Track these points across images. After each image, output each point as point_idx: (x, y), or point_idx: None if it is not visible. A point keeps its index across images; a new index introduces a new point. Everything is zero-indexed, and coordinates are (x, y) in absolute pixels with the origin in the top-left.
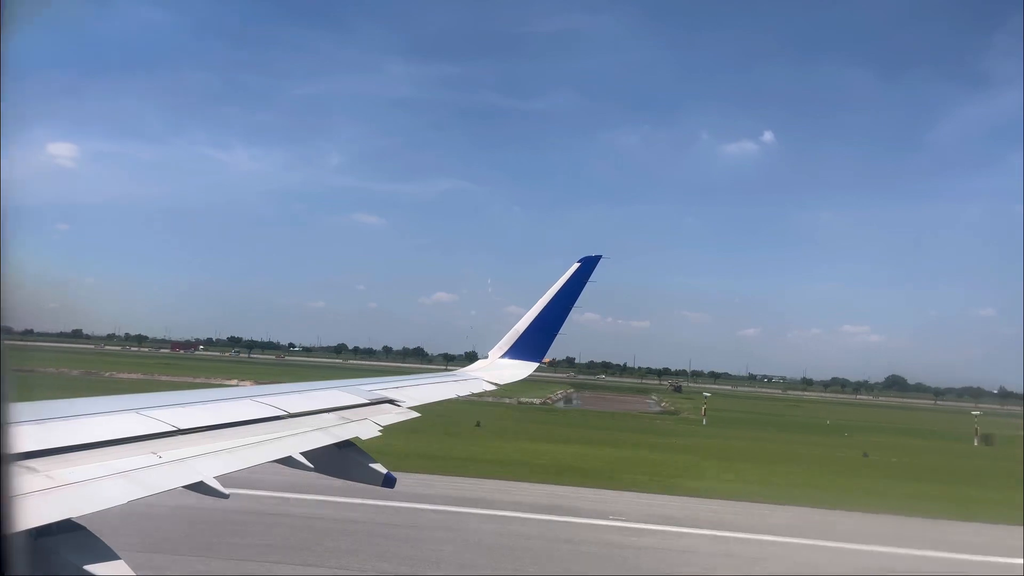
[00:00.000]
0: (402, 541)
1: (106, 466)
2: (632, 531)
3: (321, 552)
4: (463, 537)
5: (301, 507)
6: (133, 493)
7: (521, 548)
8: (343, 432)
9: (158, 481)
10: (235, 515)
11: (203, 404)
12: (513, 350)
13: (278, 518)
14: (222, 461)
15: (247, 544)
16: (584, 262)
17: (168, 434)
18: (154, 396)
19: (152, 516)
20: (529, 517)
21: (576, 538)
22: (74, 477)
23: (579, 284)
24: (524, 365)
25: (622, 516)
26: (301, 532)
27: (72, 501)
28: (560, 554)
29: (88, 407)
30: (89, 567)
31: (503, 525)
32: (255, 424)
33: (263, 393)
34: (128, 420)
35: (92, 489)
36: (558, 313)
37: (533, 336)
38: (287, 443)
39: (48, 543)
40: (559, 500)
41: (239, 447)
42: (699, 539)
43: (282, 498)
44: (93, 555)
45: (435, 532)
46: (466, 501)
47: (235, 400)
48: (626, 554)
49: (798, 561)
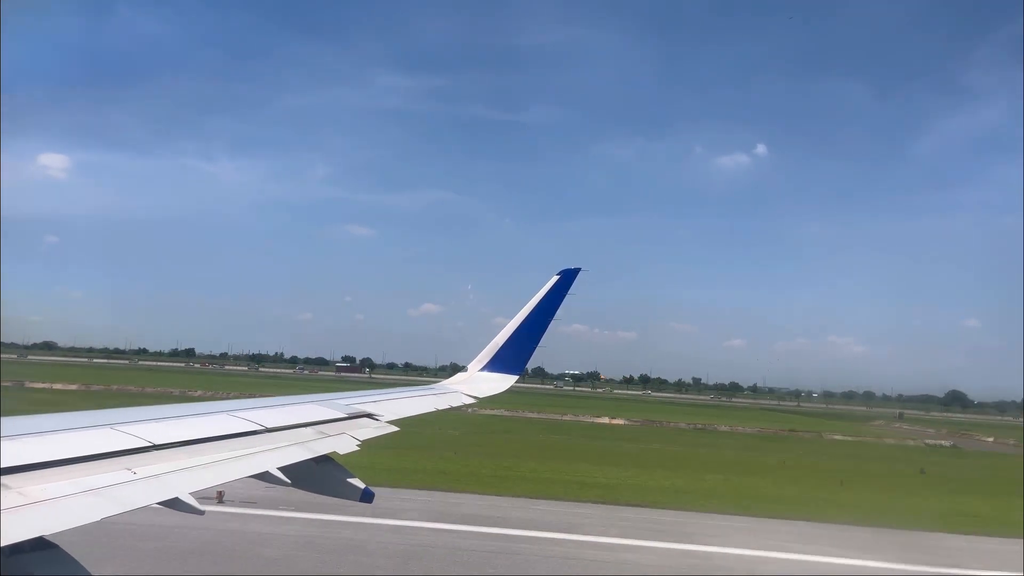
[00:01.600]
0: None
1: (79, 483)
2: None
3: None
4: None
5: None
6: (107, 510)
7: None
8: (321, 447)
9: (132, 498)
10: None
11: (178, 419)
12: (493, 363)
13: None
14: (197, 477)
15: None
16: (564, 274)
17: (143, 450)
18: (129, 411)
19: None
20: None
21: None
22: (46, 494)
23: (559, 296)
24: (504, 378)
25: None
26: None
27: (44, 519)
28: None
29: (61, 423)
30: None
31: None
32: (231, 439)
33: (240, 408)
34: (102, 436)
35: (64, 506)
36: (538, 325)
37: (513, 349)
38: (264, 458)
39: (19, 561)
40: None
41: (215, 462)
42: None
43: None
44: (65, 573)
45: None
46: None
47: (211, 415)
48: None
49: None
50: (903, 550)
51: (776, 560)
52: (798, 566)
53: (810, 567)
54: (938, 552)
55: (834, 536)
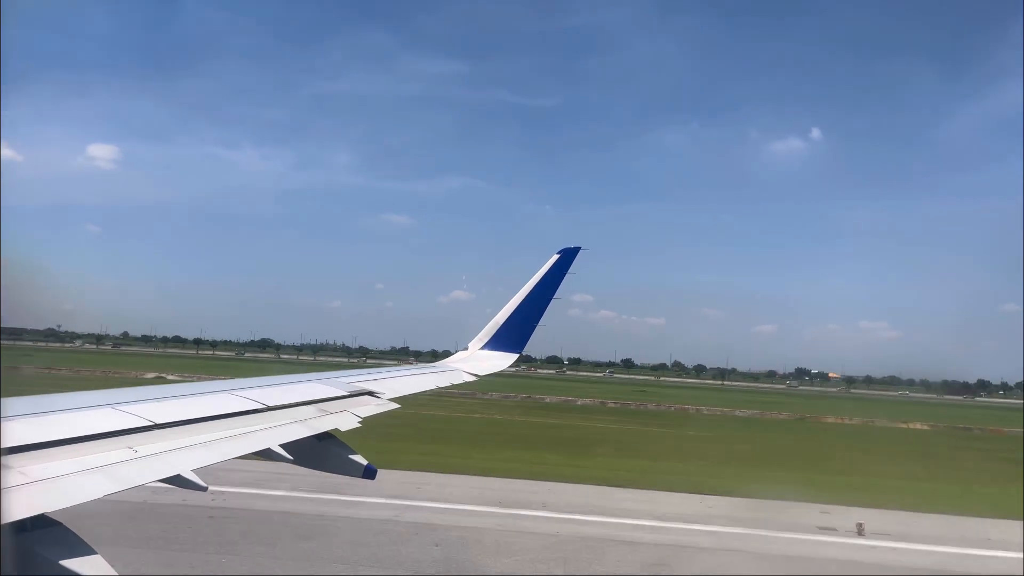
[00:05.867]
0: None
1: (81, 461)
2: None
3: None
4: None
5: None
6: (109, 488)
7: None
8: (322, 424)
9: (134, 475)
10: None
11: (180, 398)
12: (493, 341)
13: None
14: (199, 454)
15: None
16: (563, 253)
17: (144, 428)
18: (130, 391)
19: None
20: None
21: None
22: (48, 473)
23: (559, 275)
24: (504, 356)
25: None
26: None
27: (47, 497)
28: None
29: (63, 402)
30: (65, 562)
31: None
32: (233, 417)
33: (241, 387)
34: (103, 415)
35: (67, 484)
36: (538, 304)
37: (513, 327)
38: (265, 435)
39: (23, 539)
40: None
41: (216, 440)
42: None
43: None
44: (69, 550)
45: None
46: None
47: (212, 394)
48: None
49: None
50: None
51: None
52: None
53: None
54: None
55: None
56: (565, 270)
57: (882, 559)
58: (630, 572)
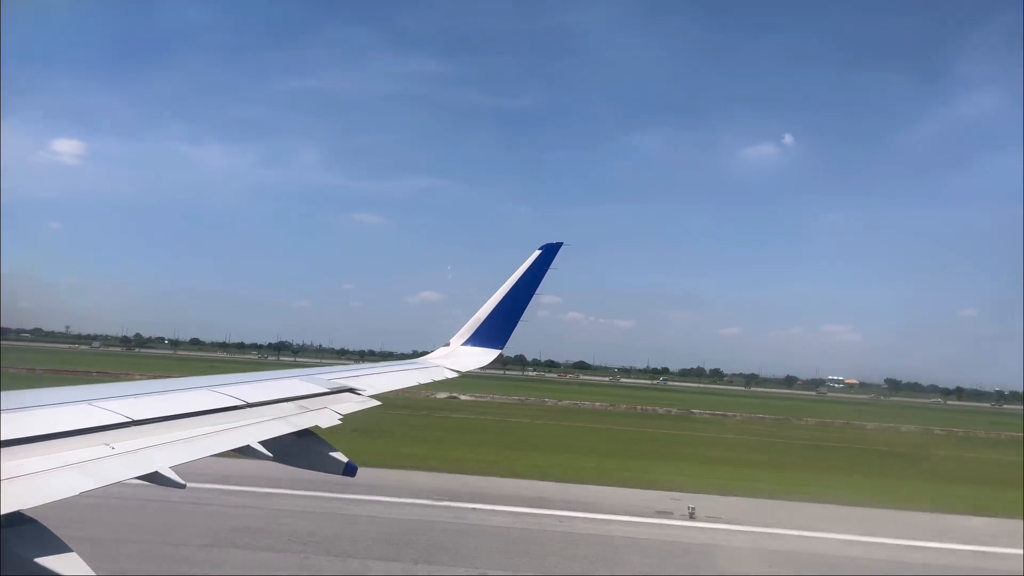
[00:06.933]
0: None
1: (57, 458)
2: None
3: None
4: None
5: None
6: (85, 485)
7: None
8: (302, 421)
9: (111, 472)
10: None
11: (158, 395)
12: (475, 337)
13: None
14: (178, 451)
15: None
16: (545, 249)
17: (121, 425)
18: (106, 387)
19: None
20: None
21: None
22: (23, 469)
23: (540, 271)
24: (486, 352)
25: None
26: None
27: (22, 494)
28: None
29: (37, 398)
30: (41, 560)
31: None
32: (212, 414)
33: (220, 383)
34: (79, 411)
35: (42, 481)
36: (520, 300)
37: (495, 323)
38: (245, 432)
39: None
40: None
41: (195, 437)
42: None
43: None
44: (45, 548)
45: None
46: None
47: (191, 390)
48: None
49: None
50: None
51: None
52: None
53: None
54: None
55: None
56: (546, 266)
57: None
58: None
